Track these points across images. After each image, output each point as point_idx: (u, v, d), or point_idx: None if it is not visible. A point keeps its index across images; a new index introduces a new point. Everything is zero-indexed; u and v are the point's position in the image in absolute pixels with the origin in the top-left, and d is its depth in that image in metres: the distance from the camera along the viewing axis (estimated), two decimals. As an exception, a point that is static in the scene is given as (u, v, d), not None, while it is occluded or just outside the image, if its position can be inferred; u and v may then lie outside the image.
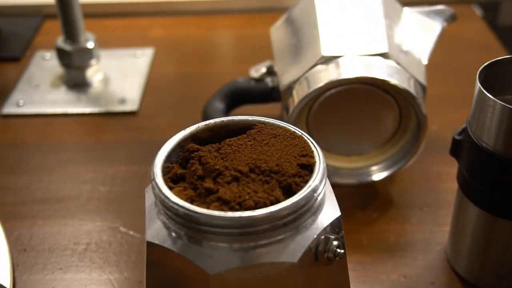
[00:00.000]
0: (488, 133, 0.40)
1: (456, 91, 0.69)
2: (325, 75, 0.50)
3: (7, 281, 0.46)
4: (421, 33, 0.57)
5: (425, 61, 0.55)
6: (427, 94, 0.53)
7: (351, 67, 0.50)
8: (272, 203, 0.31)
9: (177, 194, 0.32)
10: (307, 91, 0.50)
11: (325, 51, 0.51)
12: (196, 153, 0.35)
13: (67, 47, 0.69)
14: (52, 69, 0.75)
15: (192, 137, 0.36)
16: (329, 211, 0.34)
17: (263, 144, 0.35)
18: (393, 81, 0.49)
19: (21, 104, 0.69)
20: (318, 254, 0.32)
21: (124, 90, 0.71)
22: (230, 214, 0.30)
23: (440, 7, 0.60)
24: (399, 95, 0.51)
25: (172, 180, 0.34)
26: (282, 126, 0.36)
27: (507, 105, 0.38)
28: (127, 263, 0.49)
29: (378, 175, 0.55)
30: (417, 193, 0.56)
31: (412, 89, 0.50)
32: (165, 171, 0.34)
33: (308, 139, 0.35)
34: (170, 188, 0.33)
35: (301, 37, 0.55)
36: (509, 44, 0.79)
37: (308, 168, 0.33)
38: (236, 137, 0.36)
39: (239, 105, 0.60)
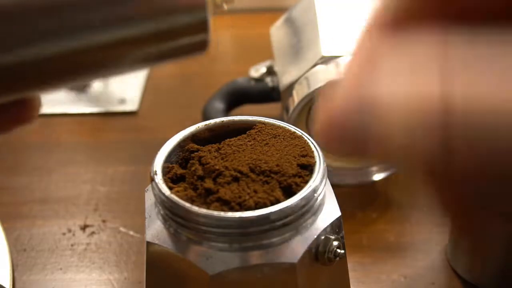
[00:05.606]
0: (488, 133, 0.40)
1: (456, 91, 0.68)
2: (325, 75, 0.50)
3: (7, 281, 0.46)
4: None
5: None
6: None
7: (351, 67, 0.50)
8: (272, 204, 0.31)
9: (177, 194, 0.32)
10: (307, 91, 0.50)
11: (325, 51, 0.51)
12: (196, 153, 0.35)
13: (67, 47, 0.69)
14: (52, 69, 0.75)
15: (192, 137, 0.36)
16: (329, 211, 0.34)
17: (263, 144, 0.35)
18: (393, 81, 0.49)
19: (21, 104, 0.69)
20: (318, 254, 0.32)
21: (124, 90, 0.71)
22: (230, 214, 0.30)
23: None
24: (399, 95, 0.51)
25: (172, 180, 0.34)
26: (282, 126, 0.36)
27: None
28: (127, 263, 0.49)
29: (378, 175, 0.55)
30: (417, 193, 0.56)
31: (412, 89, 0.50)
32: (165, 171, 0.34)
33: (308, 139, 0.35)
34: (170, 188, 0.33)
35: (301, 37, 0.55)
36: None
37: (308, 168, 0.33)
38: (236, 137, 0.36)
39: (239, 105, 0.60)
